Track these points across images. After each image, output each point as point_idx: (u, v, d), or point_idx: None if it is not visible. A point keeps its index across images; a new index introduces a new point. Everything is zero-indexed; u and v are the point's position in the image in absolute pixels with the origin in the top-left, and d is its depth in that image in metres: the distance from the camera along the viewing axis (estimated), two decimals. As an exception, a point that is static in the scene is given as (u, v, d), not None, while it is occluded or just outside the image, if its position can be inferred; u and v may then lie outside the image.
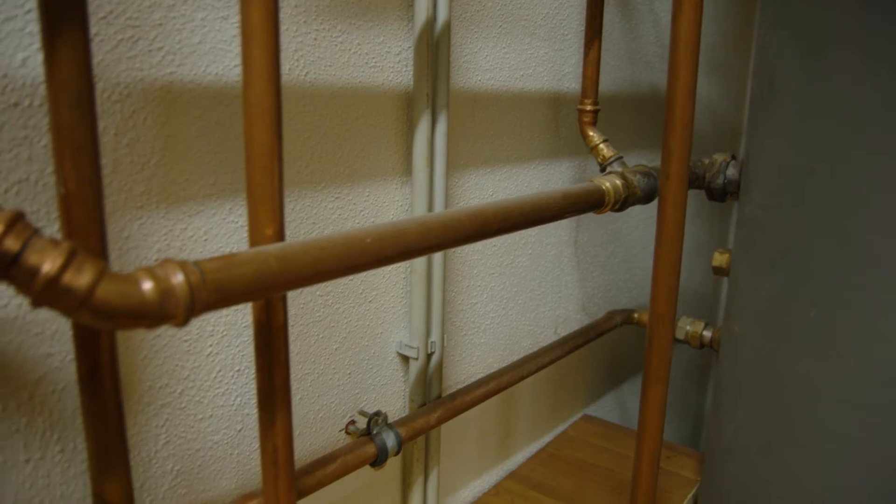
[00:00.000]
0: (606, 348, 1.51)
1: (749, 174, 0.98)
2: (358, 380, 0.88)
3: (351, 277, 0.84)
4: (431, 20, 0.83)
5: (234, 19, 0.66)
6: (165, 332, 0.66)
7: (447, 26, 0.84)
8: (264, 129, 0.59)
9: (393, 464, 0.98)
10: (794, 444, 0.88)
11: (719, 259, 1.14)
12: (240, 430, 0.75)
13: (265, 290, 0.55)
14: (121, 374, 0.55)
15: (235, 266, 0.53)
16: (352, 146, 0.80)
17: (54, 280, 0.42)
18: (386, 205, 0.87)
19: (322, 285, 0.80)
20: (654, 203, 0.97)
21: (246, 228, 0.70)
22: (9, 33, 0.52)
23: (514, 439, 1.27)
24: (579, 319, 1.36)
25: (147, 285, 0.47)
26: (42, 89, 0.54)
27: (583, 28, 1.15)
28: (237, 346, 0.73)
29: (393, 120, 0.85)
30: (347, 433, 0.88)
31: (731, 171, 1.12)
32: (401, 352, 0.93)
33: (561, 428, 1.40)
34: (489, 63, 0.98)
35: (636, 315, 1.36)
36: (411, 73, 0.85)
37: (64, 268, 0.43)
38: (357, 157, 0.81)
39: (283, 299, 0.63)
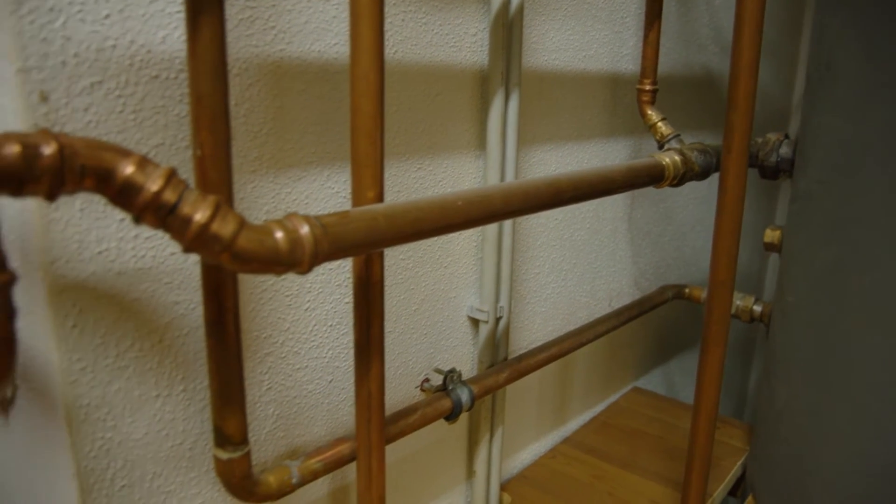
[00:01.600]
0: (655, 324, 1.56)
1: (804, 151, 1.02)
2: (433, 340, 0.95)
3: (430, 242, 0.90)
4: (507, 3, 0.88)
5: (335, 1, 0.72)
6: (272, 286, 0.73)
7: (520, 8, 0.89)
8: (370, 100, 0.65)
9: (461, 422, 1.04)
10: (847, 405, 0.92)
11: (771, 235, 1.18)
12: (330, 381, 0.82)
13: (373, 245, 0.62)
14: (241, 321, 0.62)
15: (350, 222, 0.59)
16: (432, 121, 0.86)
17: (204, 228, 0.49)
18: (461, 176, 0.92)
19: (404, 249, 0.87)
20: (704, 184, 1.01)
21: (341, 194, 0.76)
22: (153, 14, 0.58)
23: (569, 407, 1.32)
24: (631, 294, 1.41)
25: (279, 234, 0.54)
26: (176, 63, 0.61)
27: (641, 11, 1.19)
28: (331, 304, 0.79)
29: (469, 97, 0.91)
30: (422, 390, 0.95)
31: (785, 150, 1.15)
32: (471, 315, 0.99)
33: (612, 398, 1.46)
34: (555, 44, 1.03)
35: (688, 290, 1.40)
36: (486, 52, 0.91)
37: (212, 218, 0.49)
38: (437, 131, 0.87)
39: (381, 256, 0.70)
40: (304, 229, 0.55)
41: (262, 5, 0.66)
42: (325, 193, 0.76)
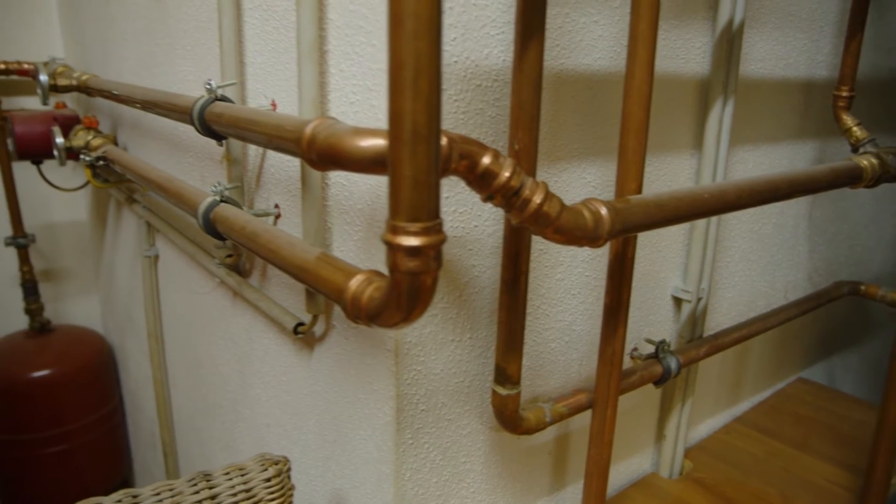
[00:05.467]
0: (823, 320, 1.63)
1: None
2: (642, 314, 1.08)
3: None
4: (731, 19, 0.99)
5: (604, 23, 0.86)
6: (535, 258, 0.88)
7: (742, 24, 1.00)
8: (640, 107, 0.79)
9: (653, 390, 1.17)
10: None
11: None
12: (567, 342, 0.97)
13: (645, 226, 0.75)
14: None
15: (632, 207, 0.73)
16: (661, 123, 0.99)
17: (539, 207, 0.64)
18: (677, 173, 1.05)
19: (630, 234, 1.00)
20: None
21: (592, 184, 0.91)
22: (482, 36, 0.74)
23: (742, 389, 1.42)
24: (804, 287, 1.48)
25: (587, 214, 0.69)
26: (492, 75, 0.77)
27: (838, 19, 1.27)
28: (575, 276, 0.94)
29: (689, 103, 1.03)
30: (631, 358, 1.08)
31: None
32: (675, 295, 1.12)
33: (779, 386, 1.54)
34: (761, 54, 1.14)
35: (863, 287, 1.46)
36: (708, 63, 1.02)
37: (545, 200, 0.64)
38: (662, 132, 1.00)
39: (636, 237, 0.83)
40: (604, 210, 0.70)
41: (552, 26, 0.81)
42: (580, 183, 0.90)
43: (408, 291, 0.54)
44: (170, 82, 1.33)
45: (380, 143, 0.58)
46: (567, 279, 0.93)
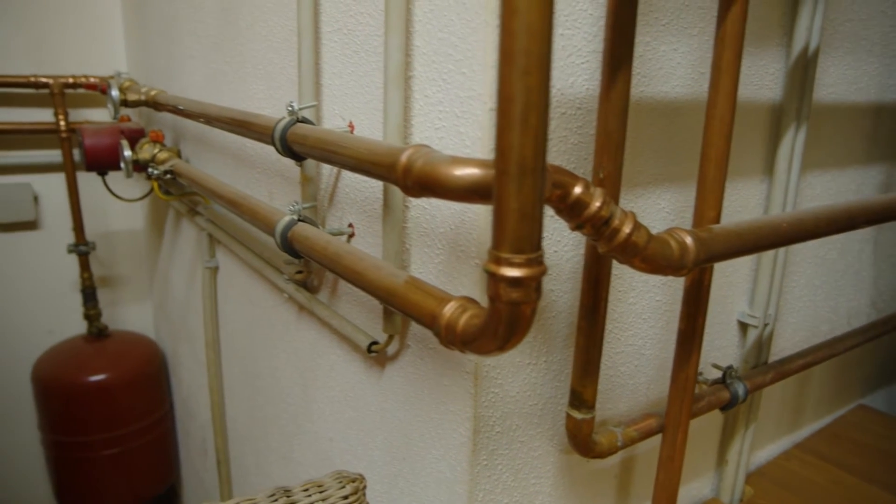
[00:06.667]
0: (885, 346, 1.60)
1: None
2: (708, 338, 1.08)
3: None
4: (807, 46, 0.99)
5: (682, 51, 0.86)
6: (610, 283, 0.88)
7: (817, 51, 1.00)
8: (722, 137, 0.79)
9: (716, 415, 1.16)
10: None
11: None
12: (636, 366, 0.97)
13: (726, 255, 0.76)
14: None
15: (715, 236, 0.74)
16: (733, 149, 0.99)
17: (628, 237, 0.64)
18: (748, 199, 1.05)
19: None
20: None
21: (665, 210, 0.91)
22: (567, 66, 0.75)
23: (802, 415, 1.40)
24: (867, 313, 1.46)
25: (673, 244, 0.69)
26: (576, 103, 0.78)
27: (909, 45, 1.26)
28: (647, 300, 0.94)
29: (761, 128, 1.03)
30: (697, 383, 1.07)
31: None
32: (741, 320, 1.11)
33: (839, 412, 1.52)
34: (832, 79, 1.13)
35: (929, 314, 1.44)
36: (781, 89, 1.02)
37: (633, 230, 0.65)
38: (734, 158, 1.00)
39: (712, 267, 0.83)
40: (689, 240, 0.71)
41: (634, 55, 0.81)
42: (654, 209, 0.91)
43: (507, 321, 0.55)
44: (238, 100, 1.37)
45: (475, 172, 0.59)
46: (639, 303, 0.93)
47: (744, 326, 1.12)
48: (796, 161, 1.04)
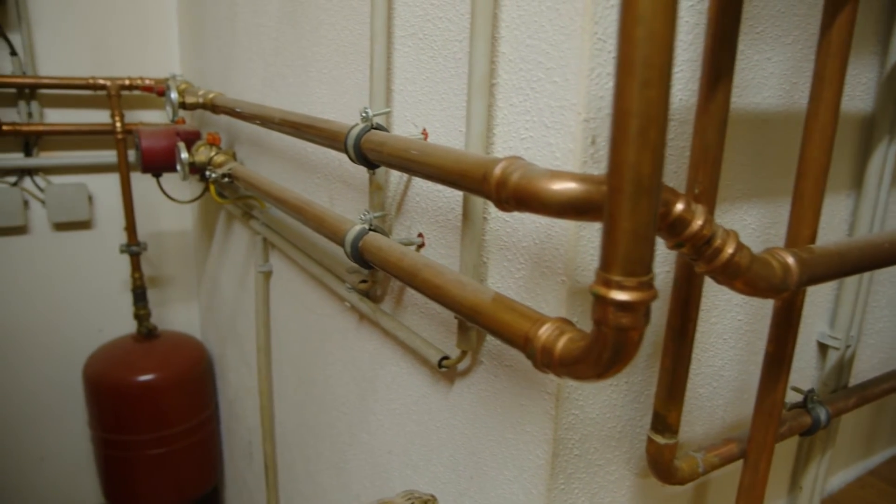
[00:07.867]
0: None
1: None
2: (788, 361, 1.03)
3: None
4: (903, 55, 0.94)
5: (776, 60, 0.82)
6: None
7: (914, 60, 0.95)
8: (822, 150, 0.75)
9: (790, 441, 1.11)
10: None
11: None
12: (714, 388, 0.93)
13: (827, 277, 0.72)
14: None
15: (816, 257, 0.70)
16: (822, 162, 0.94)
17: (731, 258, 0.61)
18: (831, 215, 1.00)
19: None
20: None
21: (751, 226, 0.87)
22: (662, 75, 0.72)
23: (876, 441, 1.34)
24: (946, 335, 1.40)
25: (776, 265, 0.65)
26: (670, 114, 0.74)
27: None
28: (729, 320, 0.90)
29: (849, 140, 0.98)
30: (775, 405, 1.03)
31: None
32: (822, 341, 1.06)
33: (912, 438, 1.45)
34: (923, 90, 1.07)
35: None
36: (873, 100, 0.97)
37: (736, 251, 0.61)
38: (823, 172, 0.95)
39: (806, 289, 0.79)
40: (791, 260, 0.67)
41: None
42: (740, 225, 0.87)
43: (613, 346, 0.52)
44: (301, 104, 1.35)
45: (574, 187, 0.56)
46: (720, 323, 0.89)
47: (824, 348, 1.07)
48: (887, 175, 0.99)
